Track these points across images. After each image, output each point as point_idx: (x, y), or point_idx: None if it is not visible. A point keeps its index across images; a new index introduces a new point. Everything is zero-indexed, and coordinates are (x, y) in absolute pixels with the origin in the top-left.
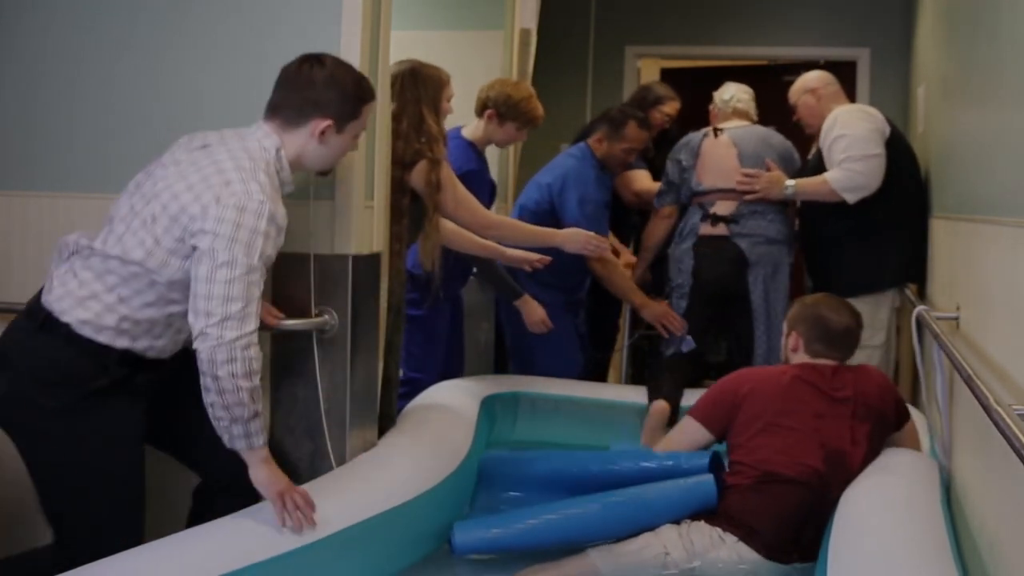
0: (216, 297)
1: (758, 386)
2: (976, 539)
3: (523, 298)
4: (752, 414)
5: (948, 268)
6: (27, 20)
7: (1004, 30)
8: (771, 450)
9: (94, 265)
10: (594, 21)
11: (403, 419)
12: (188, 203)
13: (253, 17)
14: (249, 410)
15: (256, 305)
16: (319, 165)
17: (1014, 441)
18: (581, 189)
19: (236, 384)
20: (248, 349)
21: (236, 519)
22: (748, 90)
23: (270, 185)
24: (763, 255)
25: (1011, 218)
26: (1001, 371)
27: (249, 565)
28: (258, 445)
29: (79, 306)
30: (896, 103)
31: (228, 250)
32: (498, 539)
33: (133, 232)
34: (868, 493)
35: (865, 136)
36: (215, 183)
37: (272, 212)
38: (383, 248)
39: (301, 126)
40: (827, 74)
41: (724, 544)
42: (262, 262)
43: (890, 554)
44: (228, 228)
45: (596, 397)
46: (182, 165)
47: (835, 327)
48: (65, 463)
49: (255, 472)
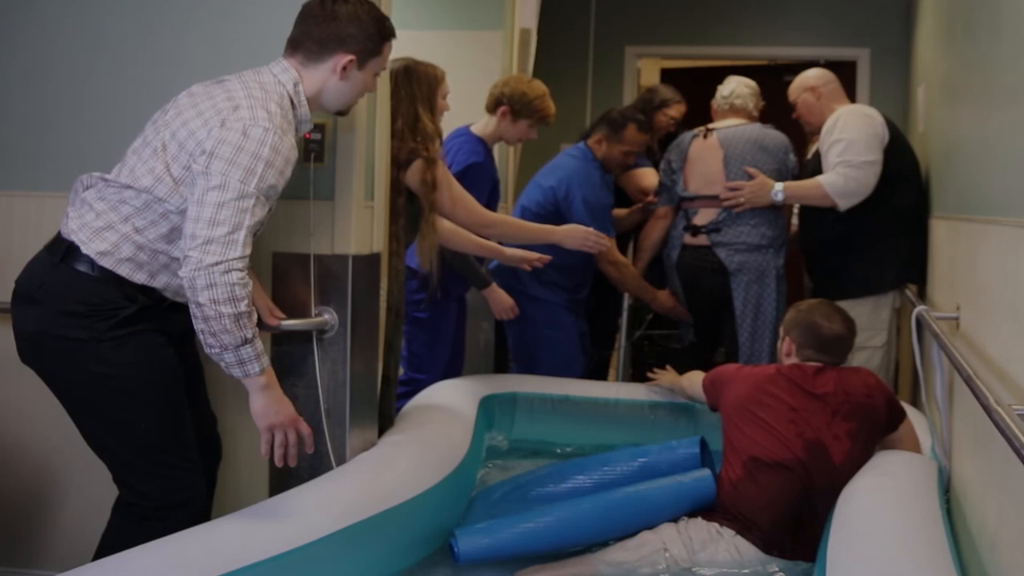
0: (203, 220)
1: (740, 376)
2: (976, 539)
3: (491, 287)
4: (731, 402)
5: (948, 268)
6: (29, 20)
7: (1004, 30)
8: (751, 440)
9: (108, 196)
10: (594, 21)
11: (402, 419)
12: (196, 128)
13: (255, 17)
14: (236, 337)
15: (244, 233)
16: (339, 103)
17: (1014, 441)
18: (586, 190)
19: (218, 311)
20: (228, 274)
21: (236, 519)
22: (750, 84)
23: (281, 116)
24: (743, 263)
25: (1011, 218)
26: (1001, 371)
27: (249, 565)
28: (253, 372)
29: (96, 237)
30: (896, 103)
31: (223, 173)
32: (501, 545)
33: (144, 160)
34: (866, 494)
35: (864, 141)
36: (223, 107)
37: (277, 141)
38: (383, 248)
39: (323, 61)
40: (827, 72)
41: (722, 539)
42: (260, 191)
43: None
44: (227, 150)
45: (595, 396)
46: (196, 96)
47: (827, 334)
48: (104, 395)
49: (251, 401)
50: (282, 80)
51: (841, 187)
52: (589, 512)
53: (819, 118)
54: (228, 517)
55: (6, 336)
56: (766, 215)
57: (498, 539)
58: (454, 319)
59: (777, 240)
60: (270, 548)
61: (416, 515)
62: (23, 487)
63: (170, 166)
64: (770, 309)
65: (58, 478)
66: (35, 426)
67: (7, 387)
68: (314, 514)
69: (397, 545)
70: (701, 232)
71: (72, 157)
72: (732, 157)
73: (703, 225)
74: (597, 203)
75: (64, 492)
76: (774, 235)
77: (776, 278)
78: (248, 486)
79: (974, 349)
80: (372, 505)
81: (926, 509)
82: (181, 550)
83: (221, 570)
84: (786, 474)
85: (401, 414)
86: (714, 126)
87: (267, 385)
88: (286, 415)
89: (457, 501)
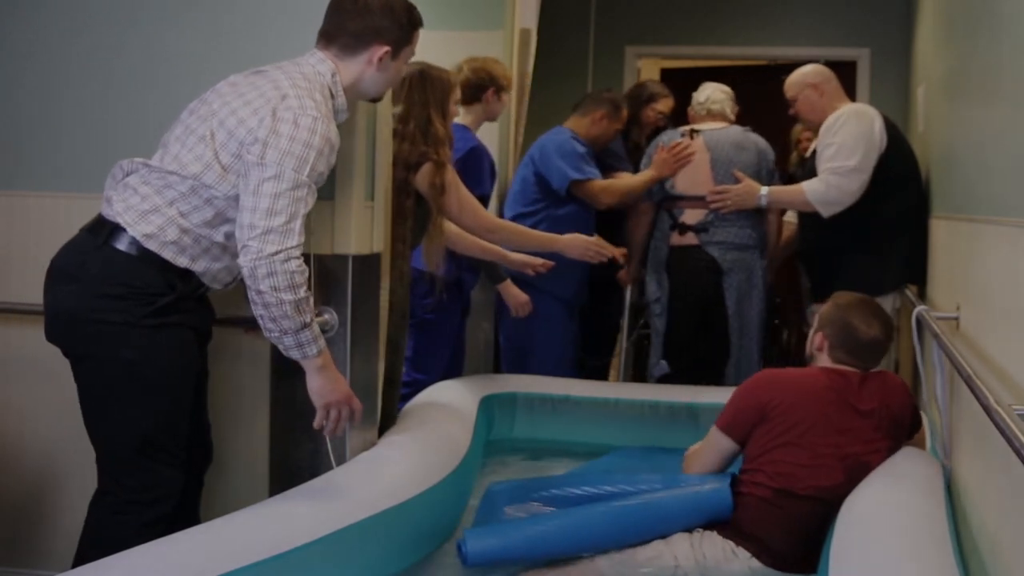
0: (260, 210)
1: (787, 397)
2: (976, 539)
3: (505, 282)
4: (778, 426)
5: (948, 268)
6: (25, 19)
7: (1004, 30)
8: (792, 465)
9: (152, 181)
10: (594, 21)
11: (402, 418)
12: (246, 116)
13: (257, 18)
14: (295, 322)
15: (300, 222)
16: (374, 92)
17: (1014, 441)
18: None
19: (279, 297)
20: (288, 262)
21: (236, 519)
22: (725, 90)
23: (324, 105)
24: (735, 261)
25: (1011, 218)
26: (1001, 371)
27: (249, 565)
28: (312, 354)
29: (142, 219)
30: (896, 103)
31: (278, 163)
32: (511, 547)
33: (189, 148)
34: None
35: (855, 146)
36: (272, 97)
37: (325, 129)
38: (383, 248)
39: (359, 53)
40: (826, 69)
41: (736, 559)
42: (311, 179)
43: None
44: (281, 140)
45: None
46: (239, 86)
47: (863, 338)
48: (123, 381)
49: (309, 380)
50: (320, 71)
51: (822, 195)
52: (602, 517)
53: (820, 116)
54: (228, 517)
55: (6, 336)
56: (751, 217)
57: (508, 541)
58: (458, 321)
59: (761, 241)
60: (270, 548)
61: (416, 515)
62: (23, 487)
63: (219, 154)
64: (757, 308)
65: (59, 478)
66: (36, 426)
67: (7, 387)
68: (314, 514)
69: (397, 545)
70: (689, 231)
71: (73, 157)
72: (719, 159)
73: (692, 224)
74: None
75: (64, 492)
76: (759, 236)
77: (762, 278)
78: (248, 486)
79: (974, 349)
80: (372, 505)
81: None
82: (181, 550)
83: (221, 570)
84: (815, 505)
85: (401, 414)
86: (699, 127)
87: (324, 365)
88: (342, 392)
89: (457, 501)
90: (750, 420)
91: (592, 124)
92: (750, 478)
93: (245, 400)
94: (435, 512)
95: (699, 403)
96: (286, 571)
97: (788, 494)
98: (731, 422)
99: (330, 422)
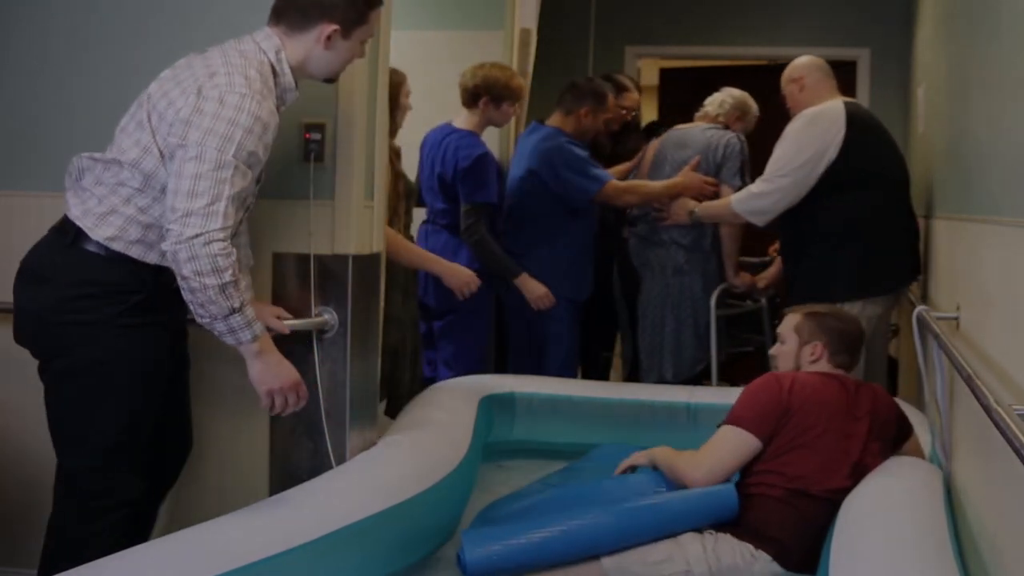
0: (181, 192)
1: (803, 400)
2: (976, 540)
3: (522, 276)
4: (794, 428)
5: (948, 268)
6: (27, 18)
7: (1004, 30)
8: (806, 467)
9: (105, 179)
10: (594, 21)
11: (402, 418)
12: (175, 98)
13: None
14: (222, 307)
15: (225, 203)
16: (324, 72)
17: (1014, 441)
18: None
19: (202, 282)
20: (210, 245)
21: (236, 518)
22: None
23: (260, 82)
24: (651, 257)
25: (1011, 218)
26: (1001, 371)
27: (249, 564)
28: (246, 339)
29: (102, 223)
30: (896, 103)
31: (199, 143)
32: (512, 555)
33: (128, 134)
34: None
35: (793, 155)
36: (200, 75)
37: (255, 107)
38: (383, 248)
39: (306, 31)
40: (815, 60)
41: (756, 562)
42: (239, 159)
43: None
44: (204, 119)
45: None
46: (176, 68)
47: (854, 335)
48: (92, 381)
49: (248, 367)
50: (264, 47)
51: (745, 204)
52: (606, 521)
53: (801, 110)
54: (228, 517)
55: (7, 336)
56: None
57: (509, 549)
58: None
59: (693, 242)
60: (270, 547)
61: (416, 514)
62: (24, 487)
63: (155, 138)
64: (683, 305)
65: None
66: (36, 426)
67: (7, 387)
68: (314, 513)
69: (397, 544)
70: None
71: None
72: (657, 159)
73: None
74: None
75: None
76: (693, 236)
77: (691, 275)
78: (248, 486)
79: (974, 349)
80: (372, 504)
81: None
82: (181, 550)
83: (221, 569)
84: (829, 507)
85: (401, 414)
86: (680, 127)
87: (261, 351)
88: (285, 379)
89: (457, 500)
90: (776, 418)
91: (577, 122)
92: (762, 479)
93: (245, 400)
94: (435, 512)
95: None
96: (286, 570)
97: (804, 495)
98: (757, 420)
99: (276, 408)
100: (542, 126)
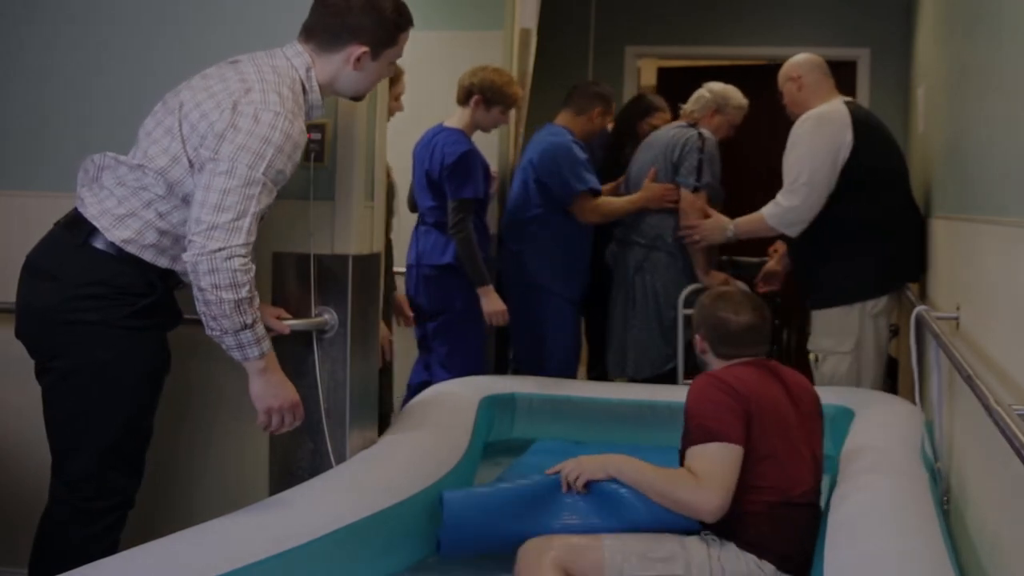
0: (208, 205)
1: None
2: (975, 540)
3: (487, 288)
4: (758, 436)
5: (948, 268)
6: (31, 20)
7: (1005, 29)
8: (775, 477)
9: (127, 181)
10: (594, 21)
11: (402, 418)
12: (209, 110)
13: (258, 20)
14: (235, 322)
15: (250, 220)
16: (353, 92)
17: (1014, 441)
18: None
19: (218, 296)
20: (231, 260)
21: (236, 518)
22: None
23: (292, 100)
24: (618, 256)
25: (1011, 218)
26: (1001, 371)
27: (249, 564)
28: (252, 356)
29: (119, 224)
30: (896, 103)
31: (231, 158)
32: (491, 497)
33: (156, 140)
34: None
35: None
36: (236, 90)
37: (287, 126)
38: (383, 248)
39: (336, 51)
40: (813, 58)
41: (763, 573)
42: (268, 177)
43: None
44: (238, 135)
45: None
46: (209, 78)
47: (734, 328)
48: (93, 382)
49: (250, 384)
50: (295, 64)
51: (780, 218)
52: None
53: (800, 110)
54: (228, 517)
55: (7, 336)
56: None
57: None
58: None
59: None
60: (270, 547)
61: (415, 514)
62: (24, 487)
63: (185, 147)
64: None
65: None
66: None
67: (7, 387)
68: (314, 513)
69: (397, 544)
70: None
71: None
72: (636, 162)
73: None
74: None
75: None
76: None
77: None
78: (248, 486)
79: (974, 349)
80: (371, 504)
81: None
82: (181, 550)
83: (221, 570)
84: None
85: (401, 414)
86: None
87: (265, 369)
88: (285, 398)
89: None
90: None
91: (588, 122)
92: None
93: (245, 400)
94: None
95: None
96: (286, 570)
97: (786, 504)
98: (726, 428)
99: (273, 427)
100: (553, 126)
